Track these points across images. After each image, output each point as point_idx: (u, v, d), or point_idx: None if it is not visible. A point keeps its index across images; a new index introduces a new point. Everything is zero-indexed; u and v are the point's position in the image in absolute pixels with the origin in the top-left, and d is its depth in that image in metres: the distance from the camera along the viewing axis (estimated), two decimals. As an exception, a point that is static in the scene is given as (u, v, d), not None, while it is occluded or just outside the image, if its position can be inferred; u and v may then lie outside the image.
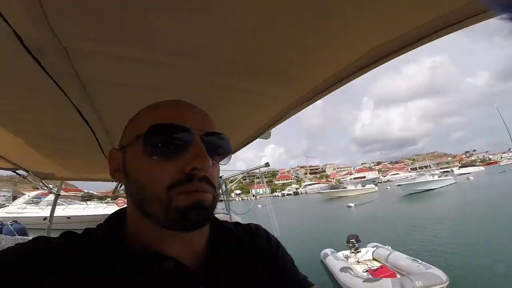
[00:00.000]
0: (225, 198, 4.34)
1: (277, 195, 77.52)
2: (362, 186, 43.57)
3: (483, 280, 5.37)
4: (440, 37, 0.61)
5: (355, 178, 65.88)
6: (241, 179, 5.15)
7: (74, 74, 0.66)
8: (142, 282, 0.41)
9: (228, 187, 4.65)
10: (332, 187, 52.71)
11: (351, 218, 17.38)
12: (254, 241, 0.58)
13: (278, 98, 0.95)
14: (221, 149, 0.48)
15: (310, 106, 0.99)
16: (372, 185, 44.56)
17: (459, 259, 6.66)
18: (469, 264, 6.25)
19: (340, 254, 6.79)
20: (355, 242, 6.68)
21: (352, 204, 23.63)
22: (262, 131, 1.28)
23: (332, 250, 7.10)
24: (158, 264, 0.43)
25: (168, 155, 0.42)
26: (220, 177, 4.30)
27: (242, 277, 0.50)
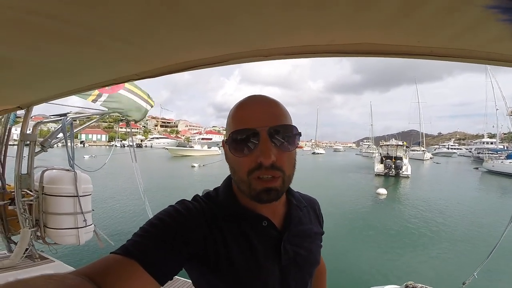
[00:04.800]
0: (69, 150, 2.98)
1: (116, 145, 68.81)
2: (208, 148, 46.09)
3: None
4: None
5: (203, 139, 68.79)
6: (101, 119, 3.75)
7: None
8: (249, 230, 0.63)
9: (73, 131, 3.16)
10: (180, 144, 52.62)
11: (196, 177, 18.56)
12: (311, 205, 0.81)
13: None
14: (284, 137, 0.59)
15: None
16: (216, 148, 47.94)
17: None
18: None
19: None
20: None
21: (196, 165, 24.65)
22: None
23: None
24: (260, 222, 0.64)
25: (245, 151, 0.58)
26: (65, 114, 2.70)
27: (305, 227, 0.73)
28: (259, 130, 0.57)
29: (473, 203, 12.75)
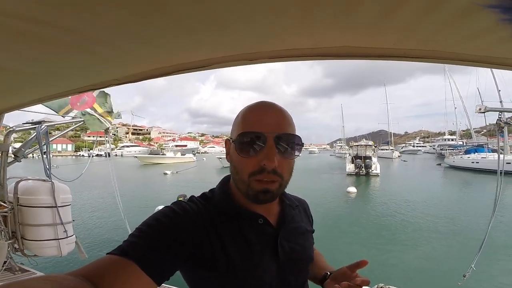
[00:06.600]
0: (44, 159, 2.95)
1: (83, 155, 64.60)
2: (182, 155, 45.11)
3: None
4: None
5: (177, 146, 67.32)
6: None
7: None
8: (245, 229, 0.65)
9: (49, 141, 3.08)
10: (152, 152, 51.03)
11: (169, 184, 18.32)
12: (302, 205, 0.85)
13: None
14: (289, 146, 0.62)
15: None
16: (191, 155, 47.10)
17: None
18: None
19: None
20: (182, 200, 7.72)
21: (168, 172, 24.24)
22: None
23: (164, 206, 8.08)
24: (255, 219, 0.67)
25: (250, 153, 0.61)
26: (39, 122, 2.59)
27: (298, 225, 0.76)
28: (267, 135, 0.60)
29: (439, 199, 13.31)
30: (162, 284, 0.56)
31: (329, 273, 0.78)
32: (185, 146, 69.48)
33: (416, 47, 0.65)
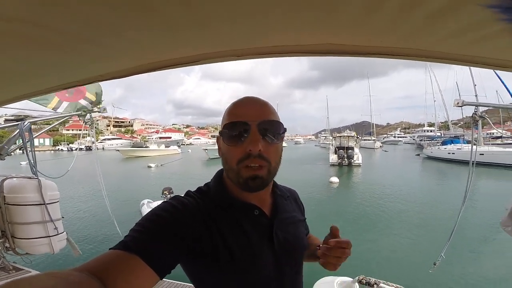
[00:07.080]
0: (30, 155, 2.82)
1: (62, 149, 61.28)
2: (166, 147, 44.29)
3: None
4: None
5: (161, 138, 66.07)
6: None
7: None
8: (241, 219, 0.68)
9: (33, 137, 2.92)
10: (135, 145, 49.81)
11: (153, 177, 18.07)
12: (292, 195, 0.89)
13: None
14: (272, 131, 0.66)
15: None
16: (175, 147, 46.35)
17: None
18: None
19: (155, 203, 7.18)
20: (167, 194, 7.82)
21: (152, 165, 23.82)
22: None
23: (149, 200, 8.24)
24: (251, 211, 0.70)
25: (236, 142, 0.65)
26: (22, 119, 2.50)
27: (290, 215, 0.79)
28: (250, 123, 0.64)
29: (416, 189, 13.82)
30: (163, 279, 0.61)
31: (318, 247, 0.80)
32: (170, 138, 68.48)
33: (398, 45, 0.67)
